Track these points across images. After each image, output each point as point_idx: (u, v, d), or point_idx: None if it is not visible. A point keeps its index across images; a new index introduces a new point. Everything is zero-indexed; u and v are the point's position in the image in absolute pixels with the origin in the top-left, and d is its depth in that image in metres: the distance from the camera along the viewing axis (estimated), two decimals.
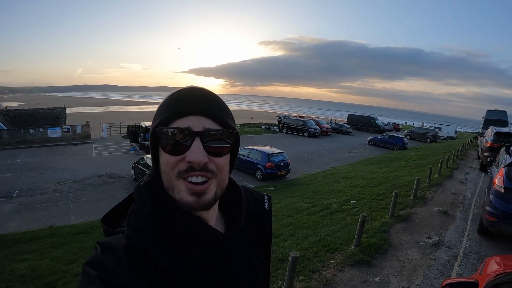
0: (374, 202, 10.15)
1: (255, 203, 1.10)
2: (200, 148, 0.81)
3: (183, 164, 0.81)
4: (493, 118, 24.26)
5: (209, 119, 0.84)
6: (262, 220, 1.10)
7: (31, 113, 31.69)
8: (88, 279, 0.71)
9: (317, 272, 5.59)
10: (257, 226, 1.07)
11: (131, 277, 0.74)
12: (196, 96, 0.85)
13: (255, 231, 1.06)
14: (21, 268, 6.83)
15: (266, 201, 1.15)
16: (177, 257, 0.82)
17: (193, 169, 0.81)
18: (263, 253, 1.09)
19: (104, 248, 0.78)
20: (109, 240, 0.82)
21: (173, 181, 0.82)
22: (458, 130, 56.03)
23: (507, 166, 6.83)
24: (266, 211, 1.12)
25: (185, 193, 0.82)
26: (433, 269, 5.81)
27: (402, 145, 31.43)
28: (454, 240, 7.09)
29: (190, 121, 0.82)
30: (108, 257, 0.76)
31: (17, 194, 13.86)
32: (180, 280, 0.80)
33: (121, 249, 0.78)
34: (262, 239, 1.09)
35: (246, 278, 0.95)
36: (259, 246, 1.07)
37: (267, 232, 1.11)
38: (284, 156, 17.85)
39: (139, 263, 0.77)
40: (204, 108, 0.84)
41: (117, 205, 0.97)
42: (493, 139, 14.56)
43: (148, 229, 0.83)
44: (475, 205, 9.63)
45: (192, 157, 0.80)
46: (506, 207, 6.40)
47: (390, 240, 6.91)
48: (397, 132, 46.62)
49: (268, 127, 43.32)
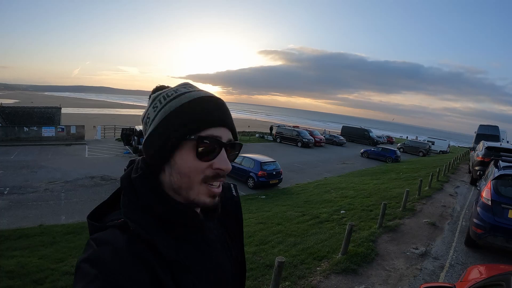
0: (364, 212, 10.22)
1: (224, 191, 1.15)
2: (226, 157, 0.91)
3: (210, 170, 0.89)
4: (485, 133, 24.50)
5: (230, 131, 0.94)
6: (232, 206, 1.19)
7: (26, 111, 31.50)
8: (86, 278, 0.70)
9: (303, 279, 5.63)
10: (228, 213, 1.16)
11: (132, 272, 0.74)
12: (221, 107, 0.93)
13: (227, 218, 1.15)
14: (9, 264, 6.79)
15: (233, 189, 1.25)
16: (173, 246, 0.85)
17: (219, 176, 0.91)
18: (236, 235, 1.18)
19: (100, 243, 0.77)
20: (102, 235, 0.81)
21: (195, 184, 0.89)
22: (451, 144, 56.42)
23: (494, 179, 6.95)
24: (234, 197, 1.22)
25: (204, 195, 0.91)
26: (419, 278, 5.88)
27: (395, 157, 31.63)
28: (441, 251, 7.17)
29: (219, 132, 0.90)
30: (106, 252, 0.75)
31: (8, 191, 13.77)
32: (177, 268, 0.83)
33: (119, 243, 0.78)
34: (234, 223, 1.18)
35: (226, 259, 1.04)
36: (231, 229, 1.16)
37: (238, 216, 1.21)
38: (276, 165, 17.89)
39: (140, 255, 0.78)
40: (228, 120, 0.94)
41: (101, 203, 0.96)
42: (484, 153, 14.72)
43: (146, 220, 0.85)
44: (463, 218, 9.73)
45: (221, 165, 0.90)
46: (493, 219, 6.51)
47: (377, 249, 6.97)
48: (391, 145, 46.87)
49: (262, 136, 43.39)
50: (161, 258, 0.81)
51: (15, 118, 29.81)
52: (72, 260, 7.23)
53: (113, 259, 0.74)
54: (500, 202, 6.58)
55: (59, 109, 33.30)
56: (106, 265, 0.72)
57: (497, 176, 7.01)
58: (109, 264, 0.72)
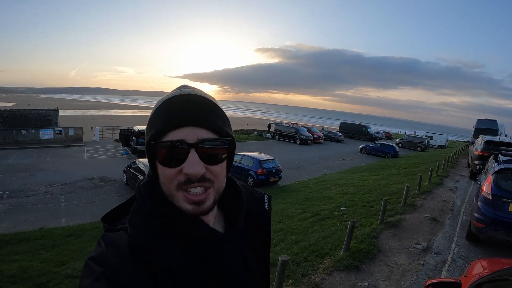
0: (364, 208, 10.23)
1: (255, 203, 1.11)
2: (196, 159, 0.82)
3: (181, 176, 0.82)
4: (483, 127, 24.48)
5: (204, 129, 0.84)
6: (261, 220, 1.11)
7: (24, 114, 31.44)
8: (93, 275, 0.73)
9: (306, 276, 5.64)
10: (256, 226, 1.09)
11: (134, 274, 0.75)
12: (189, 104, 0.84)
13: (253, 230, 1.07)
14: (11, 268, 6.78)
15: (266, 201, 1.16)
16: (175, 253, 0.83)
17: (191, 181, 0.82)
18: (262, 252, 1.10)
19: (108, 244, 0.80)
20: (112, 236, 0.83)
21: (172, 191, 0.84)
22: (449, 139, 56.50)
23: (495, 174, 6.96)
24: (265, 211, 1.13)
25: (184, 202, 0.84)
26: (421, 274, 5.88)
27: (394, 153, 31.71)
28: (443, 246, 7.18)
29: (184, 133, 0.82)
30: (112, 253, 0.77)
31: (7, 195, 13.73)
32: (178, 275, 0.82)
33: (124, 246, 0.80)
34: (261, 239, 1.10)
35: (240, 275, 0.96)
36: (257, 245, 1.08)
37: (266, 231, 1.12)
38: (275, 163, 17.86)
39: (142, 260, 0.78)
40: (198, 118, 0.83)
41: (118, 206, 0.99)
42: (483, 148, 14.73)
43: (148, 226, 0.85)
44: (464, 212, 9.75)
45: (188, 170, 0.81)
46: (493, 213, 6.52)
47: (379, 245, 6.97)
48: (389, 140, 46.95)
49: (261, 133, 43.36)
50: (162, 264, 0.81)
51: (12, 121, 29.73)
52: (74, 263, 7.22)
53: (117, 261, 0.76)
54: (501, 196, 6.59)
55: (56, 111, 33.25)
56: (111, 266, 0.74)
57: (497, 170, 7.02)
58: (114, 265, 0.75)
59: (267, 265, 1.13)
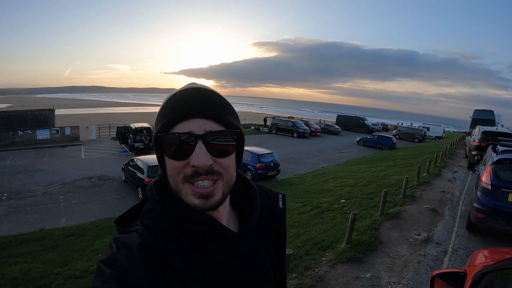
0: (364, 200, 10.27)
1: (269, 202, 1.09)
2: (203, 151, 0.80)
3: (188, 168, 0.81)
4: (480, 118, 24.53)
5: (211, 121, 0.83)
6: (275, 219, 1.09)
7: (20, 115, 31.22)
8: (102, 277, 0.73)
9: (310, 270, 5.65)
10: (271, 225, 1.07)
11: (145, 276, 0.75)
12: (196, 97, 0.84)
13: (268, 230, 1.06)
14: (13, 271, 6.77)
15: (280, 200, 1.14)
16: (187, 254, 0.82)
17: (198, 173, 0.81)
18: (276, 251, 1.08)
19: (119, 246, 0.80)
20: (124, 238, 0.84)
21: (179, 185, 0.83)
22: (446, 129, 56.63)
23: (493, 164, 7.00)
24: (280, 210, 1.11)
25: (191, 196, 0.82)
26: (423, 264, 5.93)
27: (391, 145, 31.77)
28: (443, 237, 7.22)
29: (192, 125, 0.81)
30: (123, 255, 0.77)
31: (6, 197, 13.69)
32: (191, 277, 0.80)
33: (135, 247, 0.80)
34: (275, 238, 1.08)
35: (255, 276, 0.95)
36: (271, 244, 1.06)
37: (281, 231, 1.10)
38: (274, 157, 17.85)
39: (153, 261, 0.78)
40: (205, 110, 0.83)
41: (131, 208, 0.98)
42: (480, 138, 14.81)
43: (160, 226, 0.84)
44: (463, 203, 9.80)
45: (196, 161, 0.80)
46: (493, 203, 6.56)
47: (380, 237, 7.01)
48: (386, 132, 47.02)
49: (258, 128, 43.30)
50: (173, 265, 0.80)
51: (8, 122, 29.53)
52: (76, 263, 7.22)
53: (129, 262, 0.76)
54: (500, 186, 6.63)
55: (52, 111, 33.05)
56: (122, 267, 0.74)
57: (496, 160, 7.05)
58: (124, 266, 0.75)
59: (282, 265, 1.11)
